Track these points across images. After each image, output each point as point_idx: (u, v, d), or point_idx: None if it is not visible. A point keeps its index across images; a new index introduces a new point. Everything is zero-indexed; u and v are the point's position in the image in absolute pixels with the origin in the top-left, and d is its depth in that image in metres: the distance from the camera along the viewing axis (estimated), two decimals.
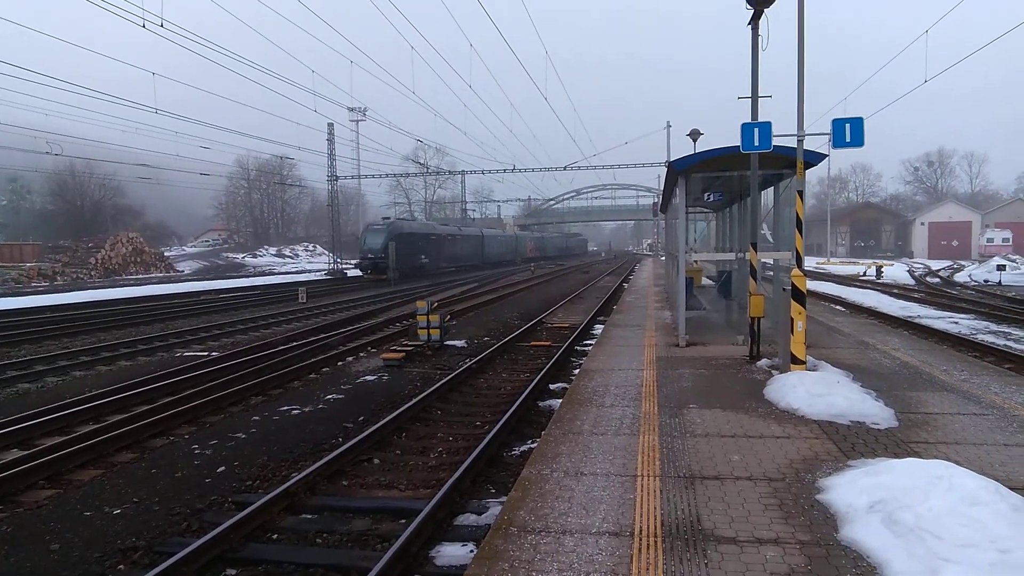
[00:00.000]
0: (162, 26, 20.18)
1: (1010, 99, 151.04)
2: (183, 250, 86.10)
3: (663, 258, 35.01)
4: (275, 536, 5.95)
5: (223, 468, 7.67)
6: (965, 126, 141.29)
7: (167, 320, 22.68)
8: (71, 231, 65.60)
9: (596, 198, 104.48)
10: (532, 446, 7.65)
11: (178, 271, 63.08)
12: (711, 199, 17.64)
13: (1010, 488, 4.46)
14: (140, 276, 55.45)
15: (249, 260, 77.60)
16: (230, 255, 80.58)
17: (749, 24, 10.77)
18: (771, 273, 14.25)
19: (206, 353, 15.72)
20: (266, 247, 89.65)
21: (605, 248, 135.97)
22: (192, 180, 55.29)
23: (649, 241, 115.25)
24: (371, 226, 48.68)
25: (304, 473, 6.87)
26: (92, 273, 53.46)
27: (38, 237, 62.36)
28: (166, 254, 69.56)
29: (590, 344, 14.31)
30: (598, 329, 16.86)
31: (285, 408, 10.35)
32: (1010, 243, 73.14)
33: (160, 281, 47.95)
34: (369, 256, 43.56)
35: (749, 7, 10.55)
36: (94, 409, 10.05)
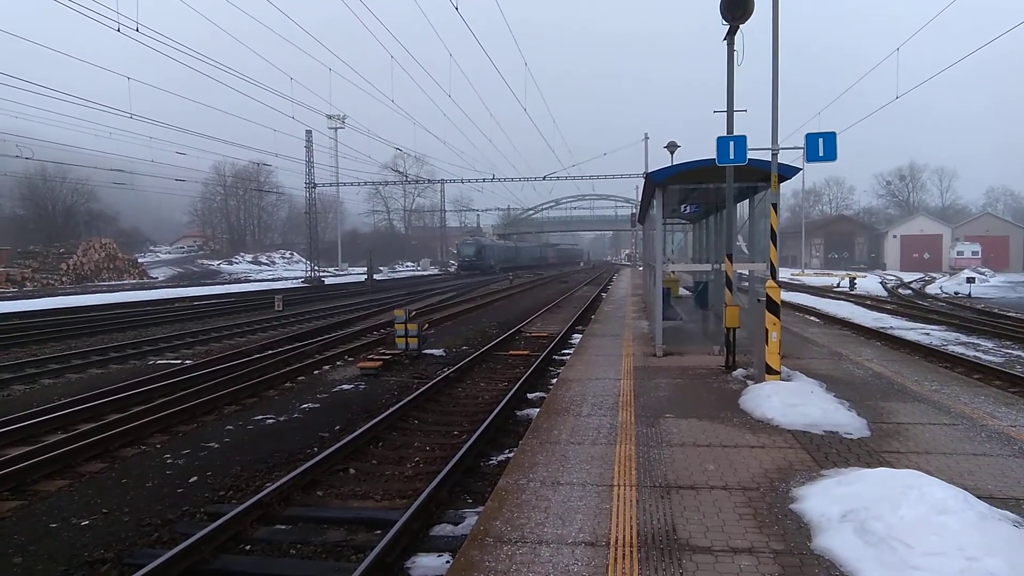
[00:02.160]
0: (137, 30, 19.97)
1: (982, 117, 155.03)
2: (157, 256, 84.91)
3: (641, 268, 35.22)
4: (248, 547, 5.85)
5: (195, 478, 7.55)
6: (936, 141, 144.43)
7: (140, 327, 22.33)
8: (42, 236, 64.29)
9: (575, 208, 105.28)
10: (509, 456, 7.63)
11: (152, 278, 62.17)
12: (688, 211, 17.83)
13: (978, 496, 4.54)
14: (113, 283, 54.53)
15: (225, 267, 76.77)
16: (205, 262, 79.64)
17: (725, 39, 10.92)
18: (747, 284, 14.41)
19: (179, 361, 15.49)
20: (242, 254, 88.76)
21: (584, 258, 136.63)
22: (167, 186, 54.62)
23: (628, 251, 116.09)
24: (465, 241, 78.93)
25: (278, 483, 6.78)
26: (63, 279, 52.47)
27: (7, 242, 60.96)
28: (140, 260, 68.52)
29: (568, 353, 14.34)
30: (576, 339, 16.91)
31: (260, 417, 10.23)
32: (979, 256, 74.76)
33: (133, 288, 47.17)
34: (466, 260, 72.23)
35: (724, 23, 10.70)
36: (63, 418, 9.83)
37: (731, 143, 9.03)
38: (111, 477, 7.63)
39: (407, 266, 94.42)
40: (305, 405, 11.06)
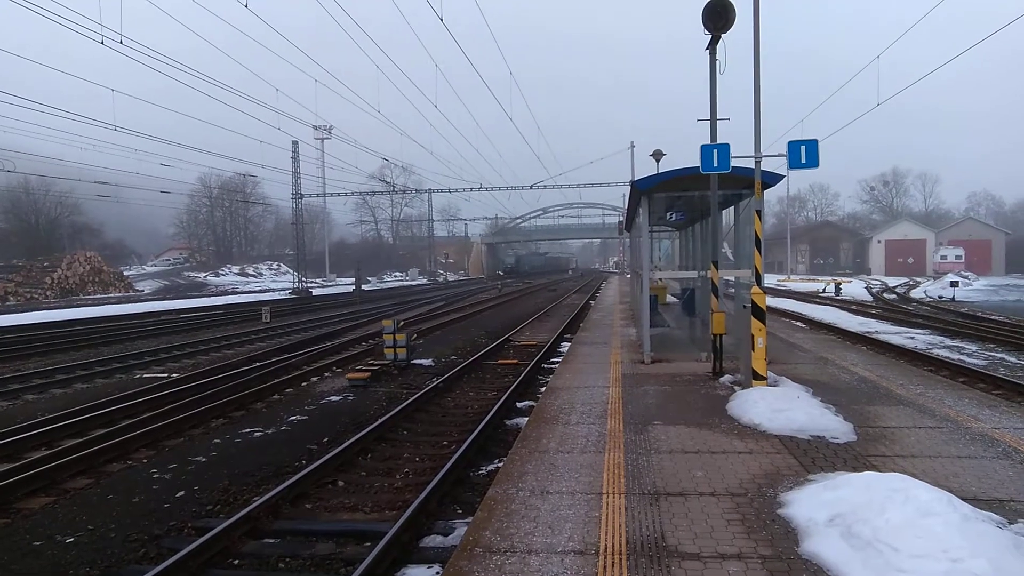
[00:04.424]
0: (121, 42, 19.90)
1: (965, 123, 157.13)
2: (143, 269, 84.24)
3: (629, 276, 35.35)
4: (236, 562, 5.81)
5: (183, 492, 7.49)
6: (919, 147, 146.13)
7: (126, 341, 22.14)
8: (25, 250, 63.68)
9: (562, 217, 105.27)
10: (499, 465, 7.62)
11: (138, 291, 61.66)
12: (674, 218, 17.96)
13: (962, 499, 4.59)
14: (98, 296, 54.02)
15: (211, 279, 76.25)
16: (192, 274, 79.10)
17: (707, 49, 11.04)
18: (733, 290, 14.50)
19: (166, 375, 15.37)
20: (229, 266, 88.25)
21: (572, 265, 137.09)
22: (152, 198, 54.31)
23: (615, 259, 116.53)
24: (507, 253, 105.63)
25: (266, 497, 6.74)
26: (47, 293, 51.95)
27: None
28: (125, 273, 67.91)
29: (557, 362, 14.35)
30: (565, 347, 16.93)
31: (247, 430, 10.16)
32: (962, 260, 75.75)
33: (119, 301, 46.77)
34: (507, 267, 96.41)
35: (707, 33, 10.82)
36: (47, 434, 9.73)
37: (715, 151, 9.12)
38: (97, 493, 7.55)
39: (395, 276, 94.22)
40: (293, 417, 11.01)
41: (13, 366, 16.95)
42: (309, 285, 58.23)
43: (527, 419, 8.45)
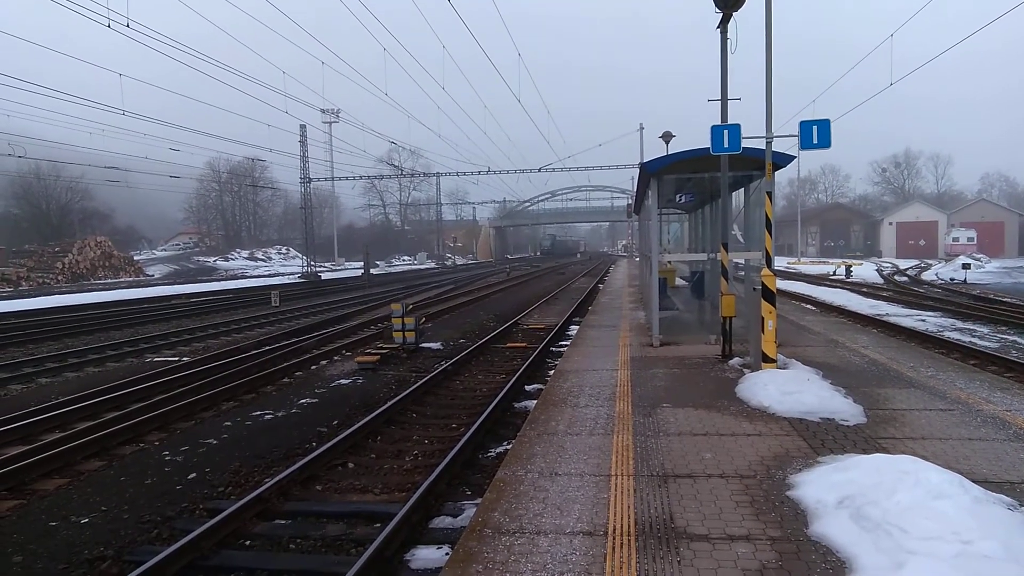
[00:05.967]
0: (128, 26, 19.83)
1: (978, 105, 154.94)
2: (153, 254, 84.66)
3: (638, 259, 35.23)
4: (248, 543, 5.87)
5: (194, 475, 7.56)
6: (931, 129, 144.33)
7: (137, 325, 22.30)
8: (36, 235, 64.06)
9: (571, 200, 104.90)
10: (508, 447, 7.64)
11: (148, 275, 62.01)
12: (683, 200, 17.83)
13: (973, 481, 4.57)
14: (109, 280, 54.37)
15: (221, 263, 76.52)
16: (201, 259, 79.41)
17: (718, 28, 10.89)
18: (743, 273, 14.43)
19: (177, 358, 15.48)
20: (238, 250, 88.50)
21: (580, 249, 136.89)
22: (162, 183, 54.38)
23: (624, 242, 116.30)
24: (543, 236, 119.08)
25: (277, 478, 6.79)
26: (59, 278, 52.31)
27: (1, 241, 60.64)
28: (136, 258, 68.30)
29: (565, 345, 14.35)
30: (573, 330, 16.92)
31: (258, 413, 10.23)
32: (975, 242, 75.04)
33: (130, 286, 47.09)
34: (544, 248, 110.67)
35: (718, 11, 10.67)
36: (60, 416, 9.83)
37: (725, 132, 9.03)
38: (110, 475, 7.64)
39: (404, 260, 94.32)
40: (303, 400, 11.07)
41: (27, 350, 17.12)
42: (318, 269, 58.35)
43: (536, 402, 8.46)
